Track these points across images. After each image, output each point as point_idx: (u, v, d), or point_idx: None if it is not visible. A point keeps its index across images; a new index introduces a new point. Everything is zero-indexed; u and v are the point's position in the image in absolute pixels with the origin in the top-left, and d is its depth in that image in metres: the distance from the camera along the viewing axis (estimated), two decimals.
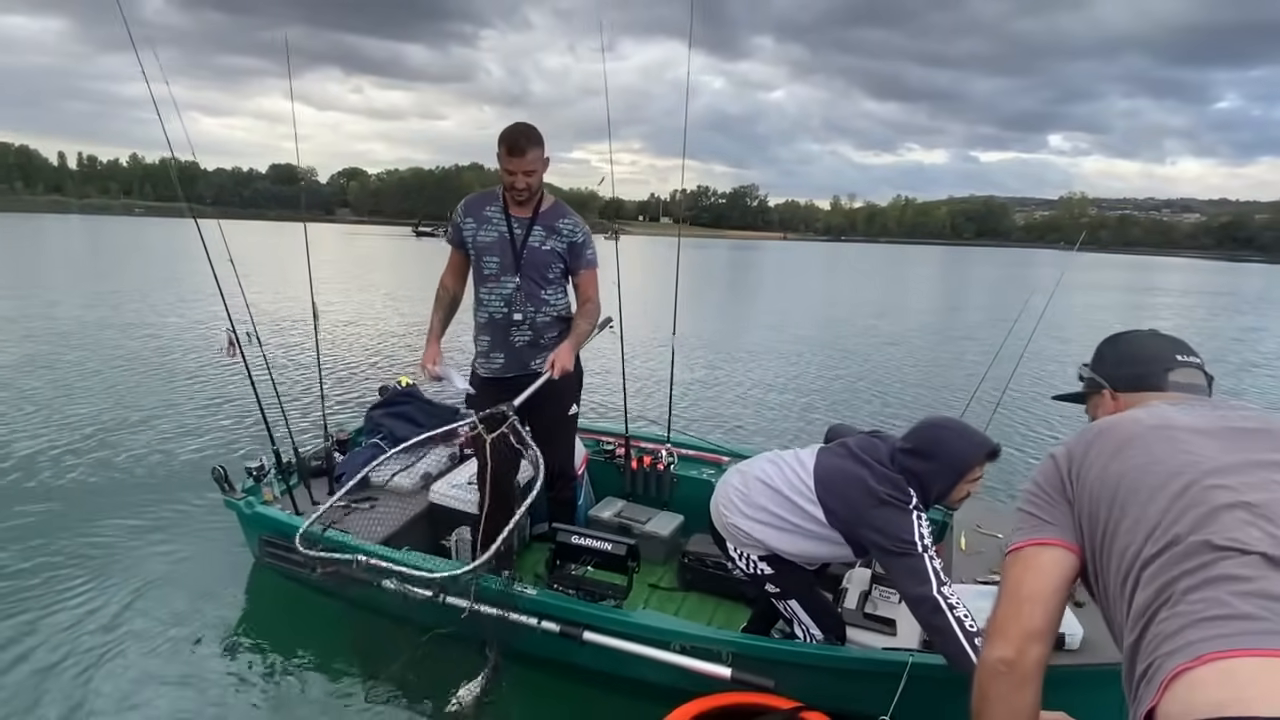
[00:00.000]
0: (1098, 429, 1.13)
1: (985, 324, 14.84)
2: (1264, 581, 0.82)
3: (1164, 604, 0.88)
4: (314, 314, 3.67)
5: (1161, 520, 0.94)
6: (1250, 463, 0.98)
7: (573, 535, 2.68)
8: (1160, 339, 1.33)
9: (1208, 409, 1.13)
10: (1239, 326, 16.22)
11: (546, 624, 2.51)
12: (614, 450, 3.88)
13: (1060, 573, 1.08)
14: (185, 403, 6.40)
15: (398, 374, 4.65)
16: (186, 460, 4.97)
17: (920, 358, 10.45)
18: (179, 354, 8.45)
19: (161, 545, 3.70)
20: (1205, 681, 0.76)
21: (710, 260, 43.03)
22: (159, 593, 3.24)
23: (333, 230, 70.12)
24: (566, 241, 2.93)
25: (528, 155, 2.77)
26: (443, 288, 3.10)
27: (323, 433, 3.78)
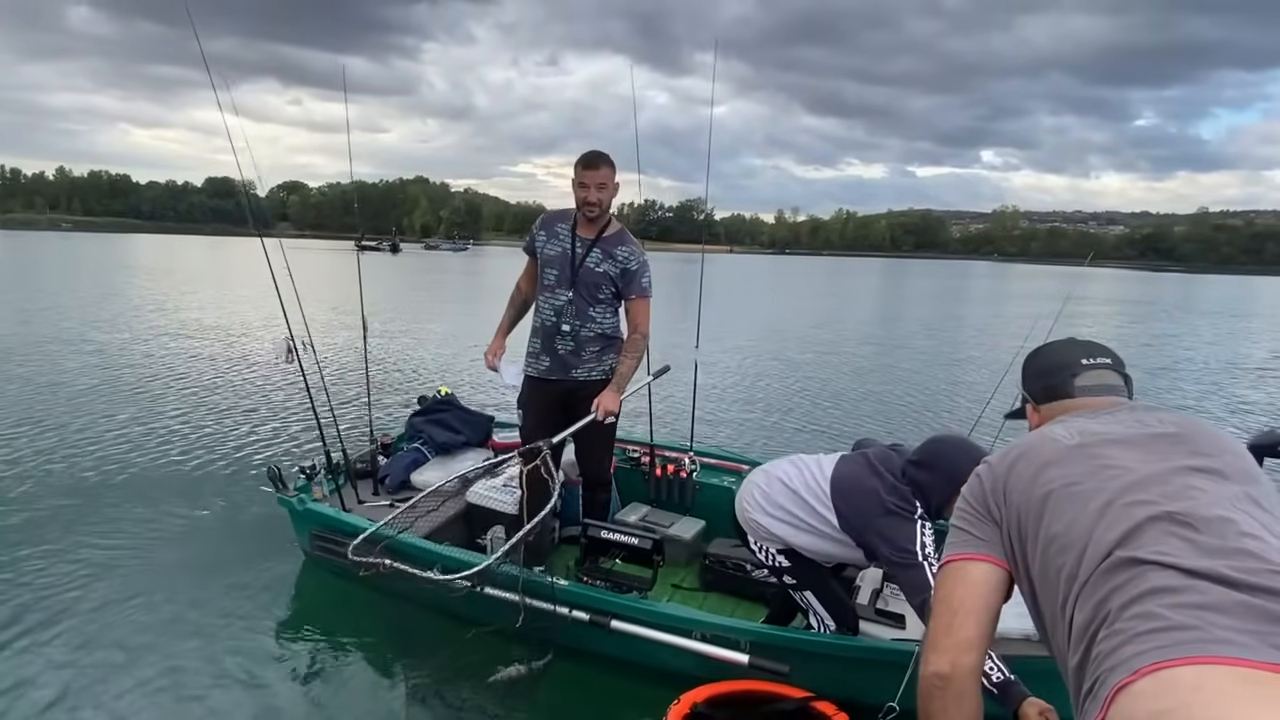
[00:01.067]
0: (1018, 452, 1.13)
1: (975, 339, 15.21)
2: (1191, 593, 0.83)
3: (1102, 623, 0.88)
4: (363, 326, 3.92)
5: (1088, 540, 0.95)
6: (1169, 470, 0.99)
7: (602, 530, 2.88)
8: (1069, 346, 1.31)
9: (1124, 415, 1.13)
10: (1153, 333, 17.03)
11: (578, 613, 2.68)
12: (639, 458, 4.05)
13: (989, 587, 1.09)
14: (235, 408, 6.67)
15: (437, 384, 4.91)
16: (239, 460, 5.21)
17: (905, 372, 10.64)
18: (225, 365, 8.70)
19: (219, 539, 3.89)
20: (1146, 693, 0.77)
21: (663, 273, 43.24)
22: (214, 583, 3.40)
23: (272, 245, 68.48)
24: (620, 267, 3.11)
25: (601, 169, 3.01)
26: (517, 289, 3.37)
27: (369, 436, 4.04)
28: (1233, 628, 0.78)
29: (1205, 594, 0.82)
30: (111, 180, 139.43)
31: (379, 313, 15.53)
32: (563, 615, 2.69)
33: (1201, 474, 0.99)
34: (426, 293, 23.39)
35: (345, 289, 22.26)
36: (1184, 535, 0.90)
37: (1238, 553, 0.86)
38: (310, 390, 3.68)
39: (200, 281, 21.46)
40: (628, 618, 2.63)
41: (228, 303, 16.02)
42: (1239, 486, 0.98)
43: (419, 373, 8.96)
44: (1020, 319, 18.65)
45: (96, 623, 3.07)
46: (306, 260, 40.10)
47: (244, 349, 9.93)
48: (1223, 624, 0.79)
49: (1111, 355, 1.27)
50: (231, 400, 6.98)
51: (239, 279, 22.97)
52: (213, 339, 10.74)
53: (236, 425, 6.10)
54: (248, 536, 3.91)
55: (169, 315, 13.36)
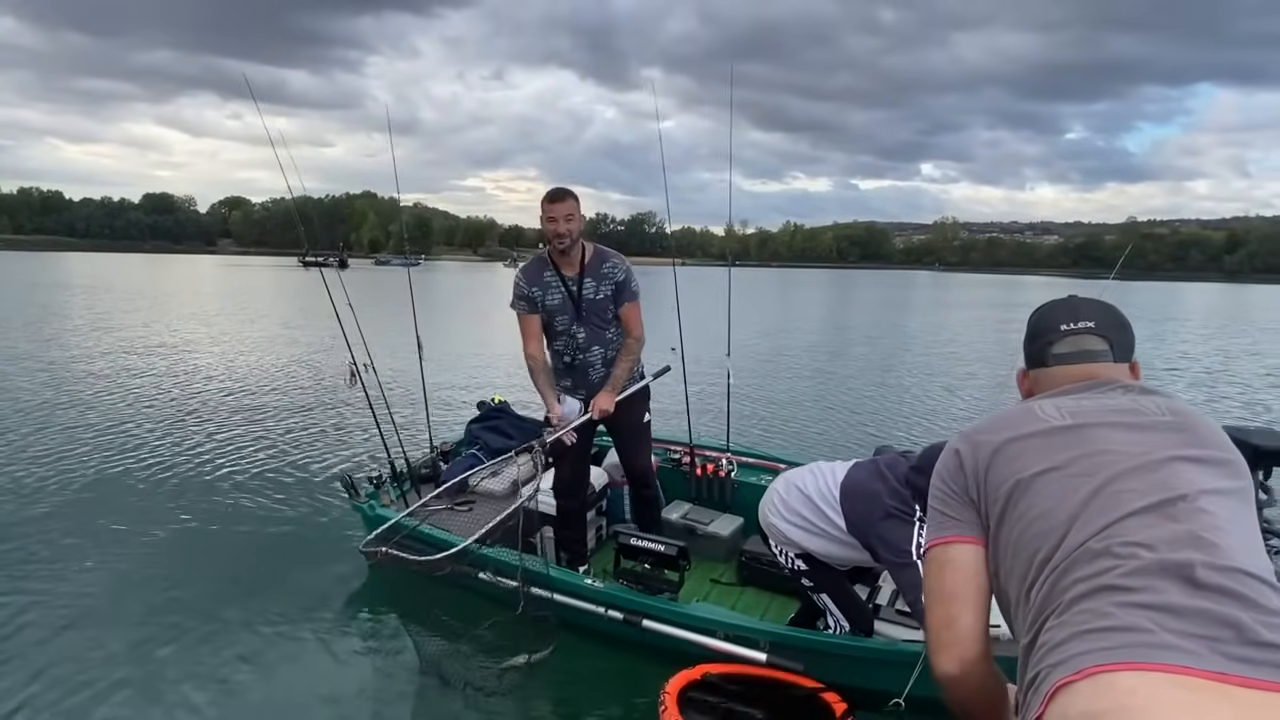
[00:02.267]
0: (1000, 428, 1.10)
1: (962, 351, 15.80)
2: (1149, 592, 0.83)
3: (1054, 611, 0.88)
4: (418, 345, 4.31)
5: (1070, 526, 0.94)
6: (1162, 459, 0.97)
7: (632, 538, 3.10)
8: (1054, 308, 1.26)
9: (1120, 397, 1.09)
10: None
11: (612, 612, 2.94)
12: (680, 458, 4.25)
13: (977, 567, 1.08)
14: (304, 425, 7.16)
15: (492, 393, 5.20)
16: (317, 471, 5.64)
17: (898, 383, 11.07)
18: (292, 387, 9.04)
19: (296, 541, 4.28)
20: (1083, 693, 0.77)
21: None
22: (293, 580, 3.73)
23: (213, 262, 66.76)
24: (613, 282, 3.31)
25: (566, 201, 3.18)
26: (531, 358, 3.38)
27: (429, 445, 4.42)
28: (1182, 632, 0.78)
29: (1163, 594, 0.82)
30: (43, 197, 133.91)
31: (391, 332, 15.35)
32: (599, 614, 2.97)
33: (1192, 464, 0.97)
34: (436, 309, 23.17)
35: (296, 305, 21.96)
36: (1163, 528, 0.89)
37: (1210, 547, 0.86)
38: (373, 407, 3.99)
39: (216, 301, 20.92)
40: (657, 617, 2.86)
41: (275, 326, 15.70)
42: (1227, 481, 0.98)
43: (466, 386, 9.24)
44: (975, 325, 19.33)
45: (203, 608, 3.45)
46: (250, 278, 39.21)
47: (314, 371, 10.20)
48: (1172, 627, 0.79)
49: (1098, 316, 1.20)
50: (302, 418, 7.39)
51: (242, 299, 22.40)
52: (262, 359, 11.03)
53: (310, 441, 6.51)
54: (323, 537, 4.33)
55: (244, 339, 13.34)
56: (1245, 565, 0.85)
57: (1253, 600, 0.81)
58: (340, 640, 3.24)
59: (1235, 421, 7.36)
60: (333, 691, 2.88)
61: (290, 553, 4.09)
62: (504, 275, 62.04)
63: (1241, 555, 0.86)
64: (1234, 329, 21.21)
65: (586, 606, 3.00)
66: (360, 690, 2.91)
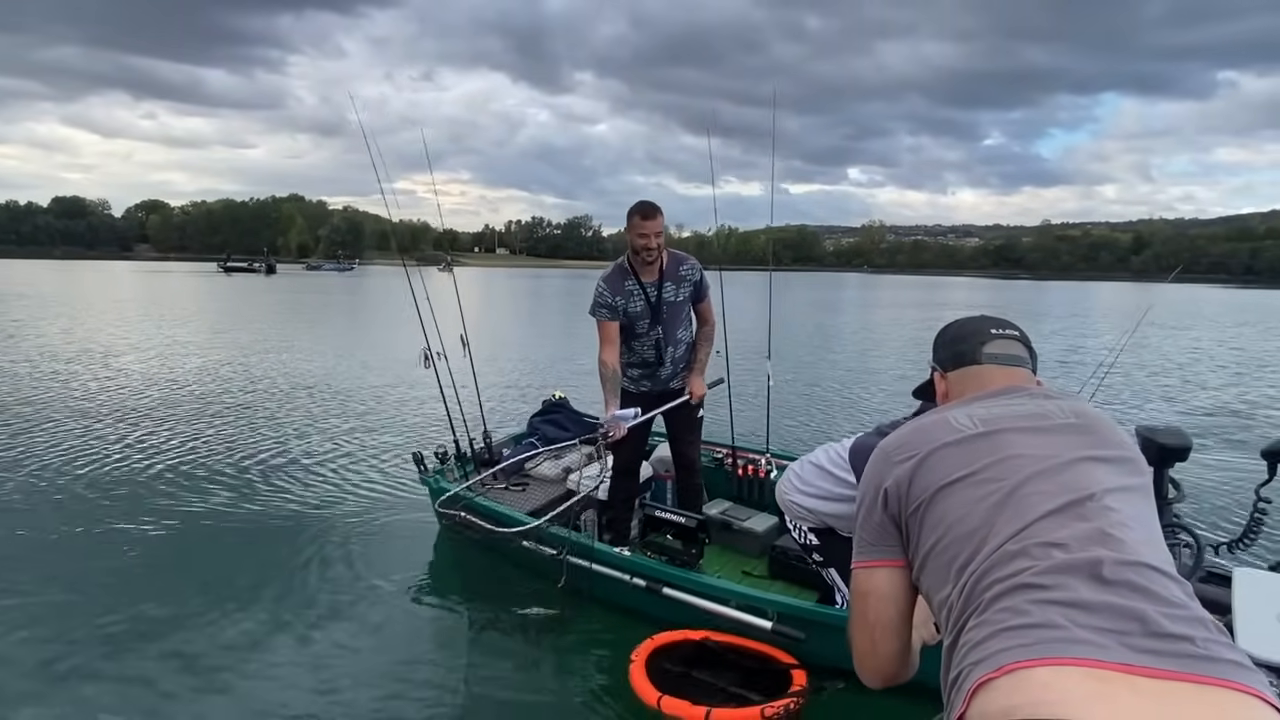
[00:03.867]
0: (915, 440, 1.12)
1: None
2: (1062, 589, 0.86)
3: (974, 610, 0.91)
4: (464, 343, 4.61)
5: (988, 531, 0.96)
6: (1070, 460, 1.01)
7: (656, 509, 3.36)
8: (979, 318, 1.33)
9: (1027, 401, 1.13)
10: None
11: (637, 580, 3.20)
12: (723, 459, 4.46)
13: (898, 591, 1.10)
14: (375, 407, 8.17)
15: (554, 390, 5.49)
16: (381, 450, 6.33)
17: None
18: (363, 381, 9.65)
19: (371, 512, 4.84)
20: (1003, 689, 0.80)
21: (555, 290, 43.40)
22: (367, 546, 4.27)
23: (128, 268, 63.77)
24: (690, 283, 3.58)
25: (657, 219, 3.40)
26: (604, 364, 3.54)
27: (482, 432, 4.69)
28: (1092, 626, 0.82)
29: (1074, 591, 0.85)
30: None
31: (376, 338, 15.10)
32: (626, 581, 3.25)
33: (1098, 463, 1.02)
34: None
35: (216, 309, 21.39)
36: (1073, 527, 0.92)
37: (1116, 543, 0.90)
38: (444, 391, 4.41)
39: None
40: (676, 585, 3.12)
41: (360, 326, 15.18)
42: (1130, 478, 1.02)
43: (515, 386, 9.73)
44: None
45: (295, 566, 3.99)
46: (171, 285, 37.63)
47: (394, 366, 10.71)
48: (1084, 622, 0.82)
49: (1019, 330, 1.29)
50: (373, 406, 8.30)
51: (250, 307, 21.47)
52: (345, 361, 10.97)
53: (382, 423, 7.40)
54: (396, 506, 4.95)
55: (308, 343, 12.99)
56: (1148, 559, 0.89)
57: (1156, 593, 0.85)
58: (397, 601, 3.62)
59: (1140, 419, 7.98)
60: (383, 644, 3.26)
61: (358, 527, 4.60)
62: (440, 280, 61.00)
63: (1144, 549, 0.91)
64: (1131, 325, 22.55)
65: (617, 575, 3.28)
66: (412, 641, 3.28)
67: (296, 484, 5.41)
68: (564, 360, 12.47)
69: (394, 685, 2.92)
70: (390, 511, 4.87)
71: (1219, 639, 0.82)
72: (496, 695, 2.89)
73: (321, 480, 5.51)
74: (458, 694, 2.90)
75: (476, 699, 2.87)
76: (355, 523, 4.66)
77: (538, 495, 4.12)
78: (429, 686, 2.92)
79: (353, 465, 5.90)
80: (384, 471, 5.74)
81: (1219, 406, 9.28)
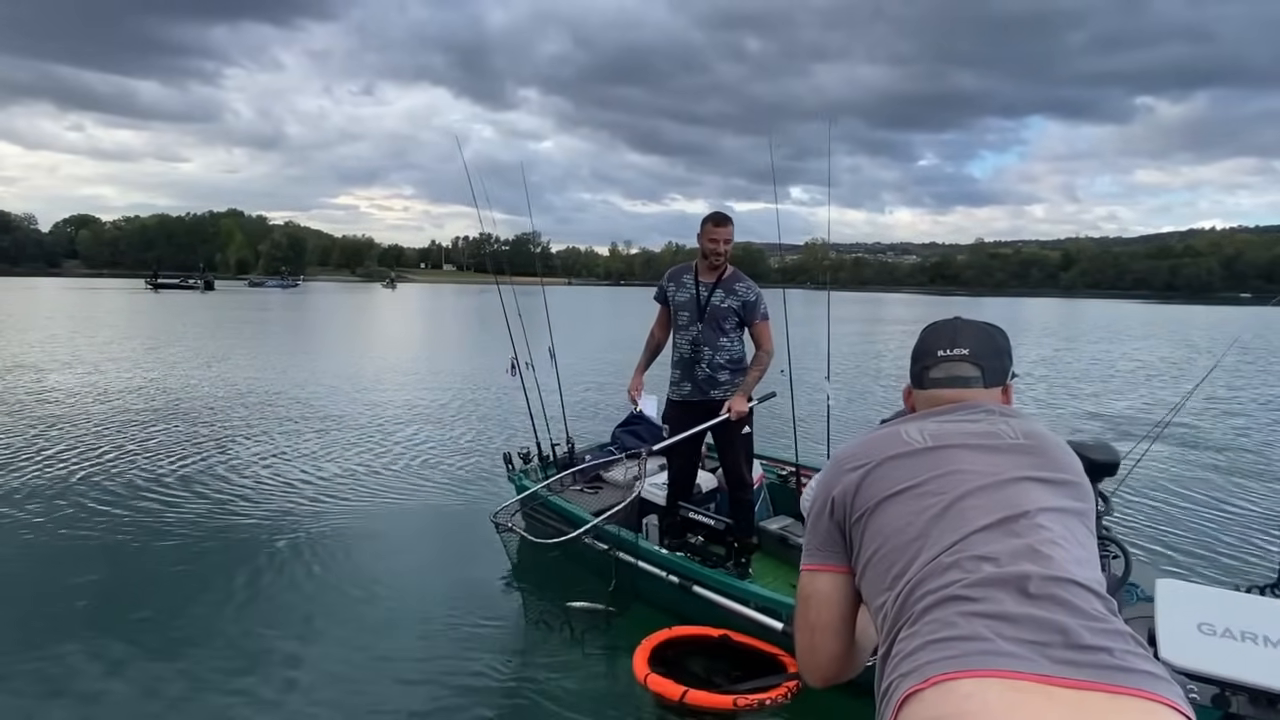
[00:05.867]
0: (867, 450, 1.14)
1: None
2: (989, 602, 0.88)
3: (906, 621, 0.92)
4: (551, 354, 5.10)
5: (924, 542, 0.98)
6: (1012, 479, 1.03)
7: (690, 512, 3.58)
8: (935, 331, 1.30)
9: (980, 420, 1.14)
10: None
11: (671, 576, 3.47)
12: (788, 476, 4.60)
13: (840, 595, 1.12)
14: (464, 413, 9.07)
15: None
16: (465, 452, 7.10)
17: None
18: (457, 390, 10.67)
19: (459, 507, 5.39)
20: (928, 700, 0.82)
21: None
22: (452, 540, 4.85)
23: (54, 285, 61.30)
24: (741, 300, 3.73)
25: (728, 227, 3.69)
26: (651, 335, 4.02)
27: (565, 438, 5.04)
28: (1015, 639, 0.84)
29: (1000, 604, 0.87)
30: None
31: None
32: (661, 576, 3.52)
33: (1038, 484, 1.03)
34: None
35: (148, 326, 20.92)
36: (1005, 543, 0.94)
37: (1044, 559, 0.92)
38: (528, 398, 4.85)
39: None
40: (704, 584, 3.36)
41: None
42: (1069, 501, 1.04)
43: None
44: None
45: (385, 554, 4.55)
46: (98, 301, 36.21)
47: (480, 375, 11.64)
48: (1008, 634, 0.84)
49: (974, 343, 1.25)
50: (459, 412, 9.19)
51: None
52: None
53: (467, 430, 8.16)
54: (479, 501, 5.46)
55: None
56: (1074, 575, 0.91)
57: (1078, 607, 0.87)
58: (454, 595, 4.01)
59: (1070, 434, 8.59)
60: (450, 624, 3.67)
61: (435, 524, 5.18)
62: (384, 296, 60.38)
63: (1072, 566, 0.92)
64: (1061, 340, 23.86)
65: (657, 572, 3.55)
66: (465, 633, 3.61)
67: (363, 489, 5.85)
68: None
69: (442, 672, 3.23)
70: (452, 514, 5.33)
71: (1136, 650, 0.85)
72: (526, 682, 3.19)
73: (385, 487, 5.92)
74: (496, 680, 3.20)
75: (508, 689, 3.15)
76: (419, 523, 5.19)
77: (609, 499, 4.32)
78: (474, 675, 3.22)
79: (418, 472, 6.38)
80: (453, 475, 6.27)
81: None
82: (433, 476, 6.21)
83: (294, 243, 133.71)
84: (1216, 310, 56.21)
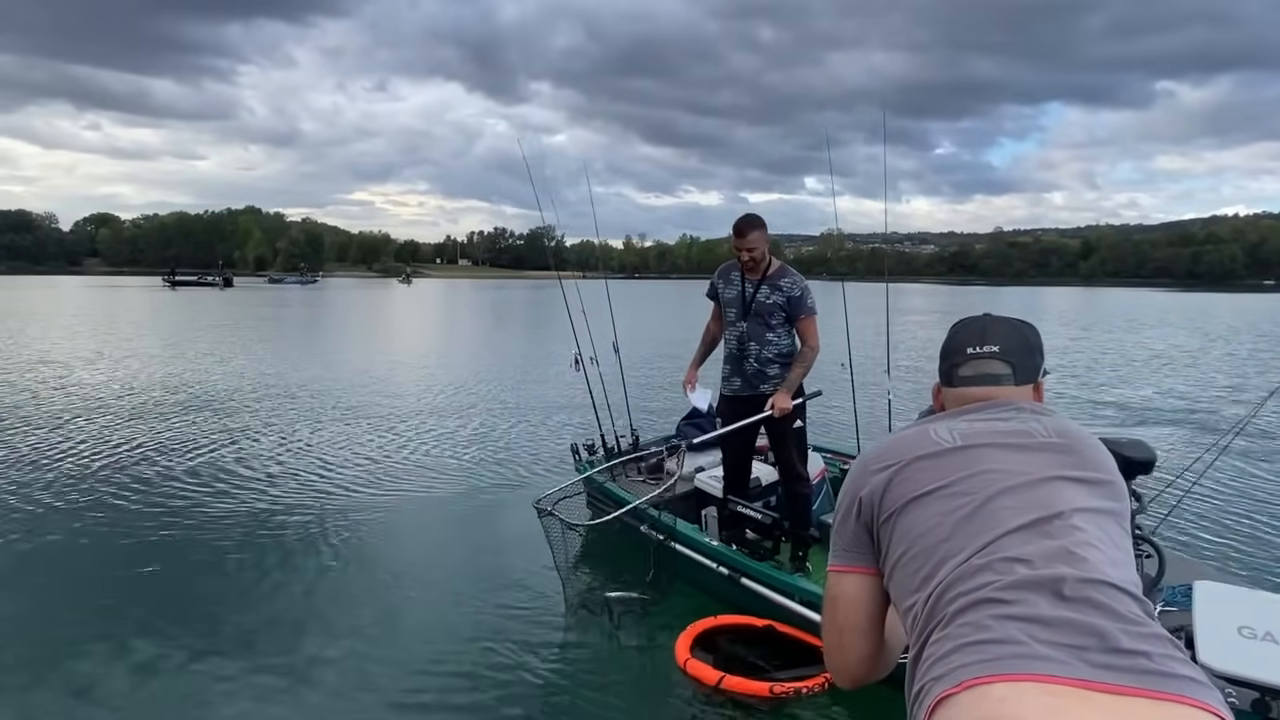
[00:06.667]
0: (896, 450, 1.12)
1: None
2: (1023, 605, 0.87)
3: (938, 624, 0.91)
4: (615, 349, 5.29)
5: (953, 543, 0.97)
6: (1044, 478, 1.01)
7: (738, 505, 3.64)
8: (965, 328, 1.28)
9: (1011, 419, 1.12)
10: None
11: (721, 568, 3.56)
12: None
13: (868, 597, 1.11)
14: (529, 407, 9.46)
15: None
16: (534, 441, 7.53)
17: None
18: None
19: (527, 493, 5.34)
20: (963, 704, 0.81)
21: (520, 299, 43.35)
22: (518, 522, 4.81)
23: (75, 283, 62.14)
24: (786, 295, 3.77)
25: (748, 237, 3.73)
26: (707, 329, 4.16)
27: (629, 430, 5.26)
28: (1051, 642, 0.83)
29: (1035, 607, 0.86)
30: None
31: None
32: (713, 568, 3.60)
33: (1072, 484, 1.02)
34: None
35: (169, 326, 21.18)
36: (1039, 544, 0.93)
37: (1080, 561, 0.91)
38: (592, 392, 5.03)
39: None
40: (752, 576, 3.45)
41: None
42: (1104, 501, 1.02)
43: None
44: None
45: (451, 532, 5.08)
46: (118, 299, 36.50)
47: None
48: (1043, 638, 0.83)
49: (1004, 340, 1.23)
50: (525, 403, 9.73)
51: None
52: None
53: (533, 421, 8.52)
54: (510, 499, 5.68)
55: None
56: (1110, 578, 0.89)
57: (1115, 610, 0.86)
58: (499, 581, 4.20)
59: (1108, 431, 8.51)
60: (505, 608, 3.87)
61: (495, 514, 5.43)
62: (404, 291, 60.57)
63: (1108, 568, 0.91)
64: (1082, 328, 23.58)
65: (705, 562, 3.63)
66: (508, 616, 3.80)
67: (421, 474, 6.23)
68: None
69: (485, 649, 3.41)
70: (500, 505, 5.58)
71: (1175, 655, 0.83)
72: (566, 664, 3.32)
73: (445, 478, 6.24)
74: (536, 661, 3.34)
75: (547, 670, 3.27)
76: (474, 513, 5.47)
77: (661, 487, 4.36)
78: (513, 656, 3.38)
79: (485, 460, 6.79)
80: (513, 466, 6.55)
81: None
82: (496, 469, 6.47)
83: (311, 239, 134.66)
84: (1239, 299, 55.38)
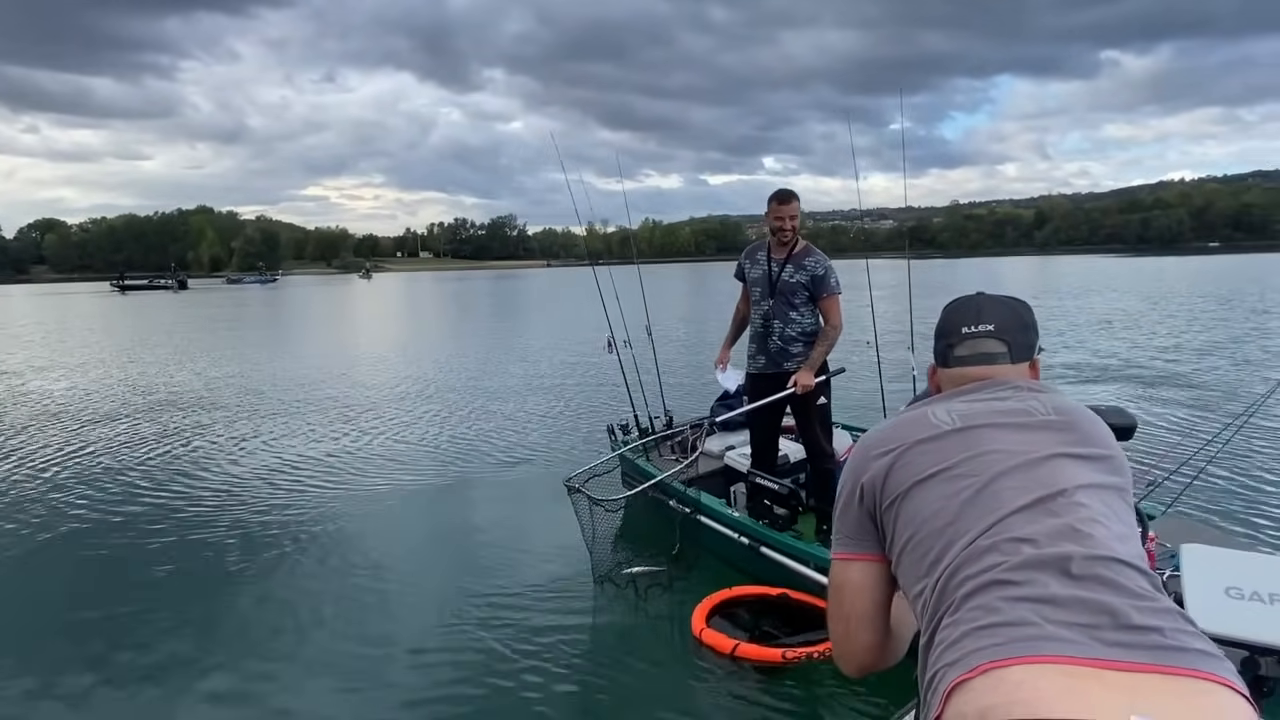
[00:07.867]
0: (894, 434, 1.11)
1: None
2: (1033, 585, 0.86)
3: (948, 609, 0.91)
4: (649, 333, 5.41)
5: (957, 526, 0.96)
6: (1045, 456, 1.01)
7: (756, 477, 3.79)
8: (959, 307, 1.26)
9: (1009, 397, 1.11)
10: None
11: (742, 538, 3.68)
12: None
13: (873, 583, 1.10)
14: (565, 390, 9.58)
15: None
16: (568, 424, 7.68)
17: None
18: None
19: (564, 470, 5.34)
20: (978, 689, 0.80)
21: (481, 290, 42.84)
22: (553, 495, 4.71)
23: (24, 292, 60.07)
24: (810, 274, 3.81)
25: (792, 204, 3.80)
26: (737, 310, 4.23)
27: (662, 411, 5.30)
28: (1063, 622, 0.82)
29: (1044, 587, 0.86)
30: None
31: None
32: (734, 538, 3.72)
33: (1073, 461, 1.01)
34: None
35: (119, 332, 20.58)
36: (1043, 523, 0.92)
37: (1085, 538, 0.90)
38: (625, 375, 5.16)
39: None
40: (771, 545, 3.55)
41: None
42: (1105, 476, 1.02)
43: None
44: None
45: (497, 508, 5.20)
46: (68, 306, 35.46)
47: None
48: (1055, 618, 0.83)
49: (999, 318, 1.21)
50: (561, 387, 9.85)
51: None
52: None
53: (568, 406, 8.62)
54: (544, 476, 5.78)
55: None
56: (1117, 553, 0.89)
57: (1124, 586, 0.86)
58: (525, 559, 4.27)
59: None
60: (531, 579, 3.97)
61: (525, 489, 5.57)
62: (360, 286, 59.60)
63: (1114, 544, 0.91)
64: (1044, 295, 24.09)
65: (728, 532, 3.76)
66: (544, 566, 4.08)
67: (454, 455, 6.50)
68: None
69: (512, 618, 3.54)
70: (531, 483, 5.70)
71: (1187, 629, 0.83)
72: (588, 634, 3.46)
73: (474, 454, 6.55)
74: (559, 633, 3.43)
75: (569, 641, 3.36)
76: (503, 493, 5.56)
77: (702, 467, 4.47)
78: (538, 622, 3.50)
79: (514, 439, 7.06)
80: (546, 448, 6.75)
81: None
82: (528, 451, 6.69)
83: (267, 238, 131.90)
84: (1186, 261, 56.88)
